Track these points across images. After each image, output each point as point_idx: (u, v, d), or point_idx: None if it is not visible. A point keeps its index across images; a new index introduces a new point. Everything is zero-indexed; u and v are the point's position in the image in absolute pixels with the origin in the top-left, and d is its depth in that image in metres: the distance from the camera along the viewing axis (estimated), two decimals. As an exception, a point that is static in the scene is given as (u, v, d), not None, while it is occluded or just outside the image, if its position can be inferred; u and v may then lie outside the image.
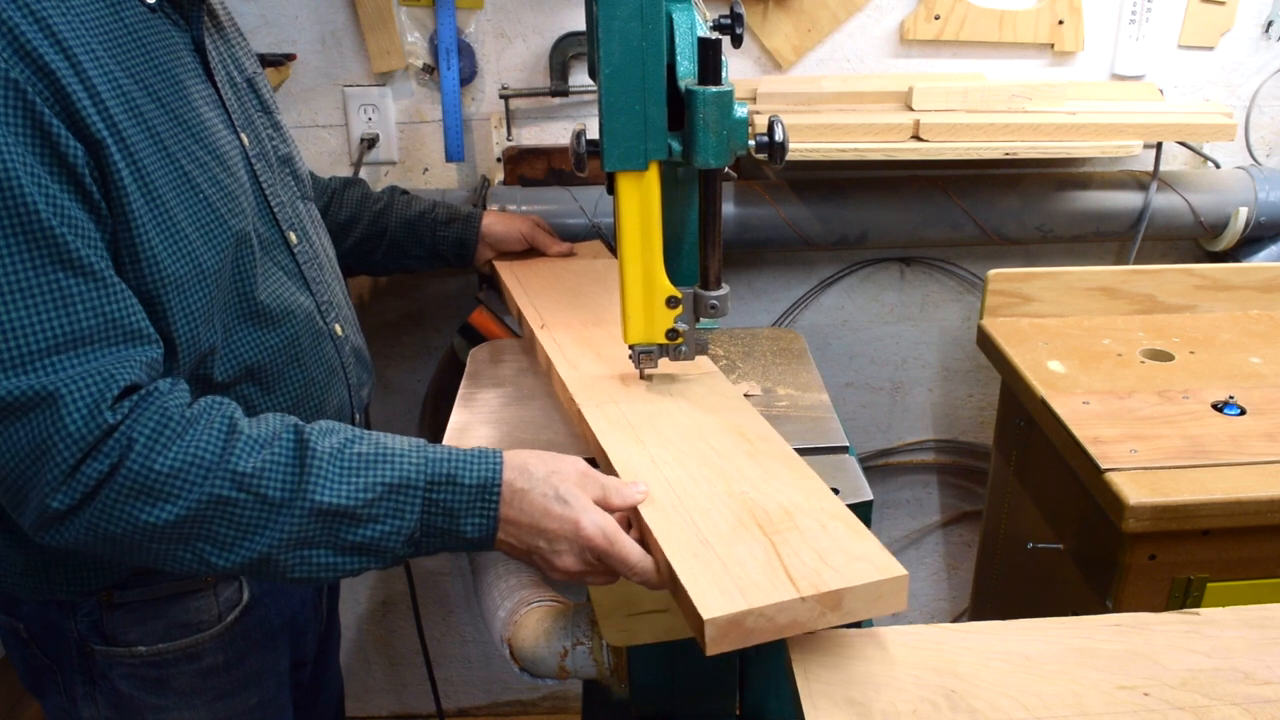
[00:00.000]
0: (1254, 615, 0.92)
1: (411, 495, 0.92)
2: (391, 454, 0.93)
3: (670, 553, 0.89)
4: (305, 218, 1.18)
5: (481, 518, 0.93)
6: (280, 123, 1.20)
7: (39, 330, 0.83)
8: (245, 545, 0.89)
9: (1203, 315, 1.65)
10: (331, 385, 1.16)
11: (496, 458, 0.94)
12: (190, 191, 0.94)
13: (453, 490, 0.92)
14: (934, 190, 1.77)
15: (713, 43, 0.99)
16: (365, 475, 0.91)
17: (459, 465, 0.93)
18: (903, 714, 0.82)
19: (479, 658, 2.25)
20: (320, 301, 1.15)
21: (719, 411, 1.14)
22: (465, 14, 1.70)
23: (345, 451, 0.92)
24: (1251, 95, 1.85)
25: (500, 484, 0.93)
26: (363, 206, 1.48)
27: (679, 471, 1.02)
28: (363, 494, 0.90)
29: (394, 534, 0.91)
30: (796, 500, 0.97)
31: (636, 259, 1.09)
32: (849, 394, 2.05)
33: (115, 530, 0.86)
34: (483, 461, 0.94)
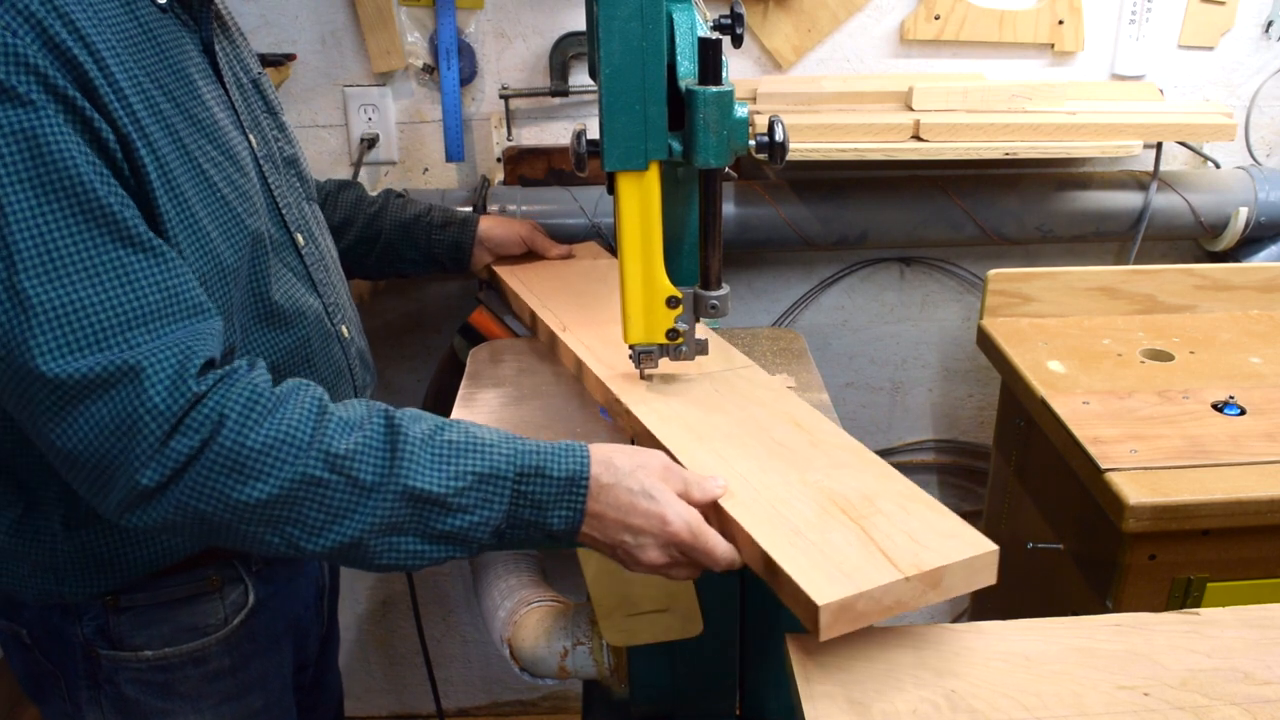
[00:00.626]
0: (1254, 615, 0.92)
1: (501, 486, 0.91)
2: (481, 443, 0.93)
3: (766, 544, 0.90)
4: (311, 219, 1.18)
5: (568, 510, 0.93)
6: (285, 124, 1.20)
7: (109, 308, 0.82)
8: (334, 529, 0.88)
9: (1203, 315, 1.65)
10: (340, 387, 1.15)
11: (583, 451, 0.95)
12: (209, 190, 0.95)
13: (541, 483, 0.92)
14: (934, 190, 1.77)
15: (713, 43, 0.99)
16: (456, 463, 0.91)
17: (547, 458, 0.93)
18: (903, 714, 0.82)
19: (479, 658, 2.25)
20: (327, 303, 1.15)
21: (768, 404, 1.15)
22: (465, 14, 1.70)
23: (436, 438, 0.92)
24: (1251, 95, 1.85)
25: (588, 477, 0.93)
26: (357, 209, 1.47)
27: (749, 464, 1.02)
28: (453, 482, 0.90)
29: (482, 525, 0.91)
30: (871, 485, 0.98)
31: (637, 259, 1.09)
32: (849, 394, 2.05)
33: (205, 508, 0.85)
34: (570, 455, 0.94)
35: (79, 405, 0.82)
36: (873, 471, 1.01)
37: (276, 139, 1.14)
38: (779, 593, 0.89)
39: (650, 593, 1.17)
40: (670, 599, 1.18)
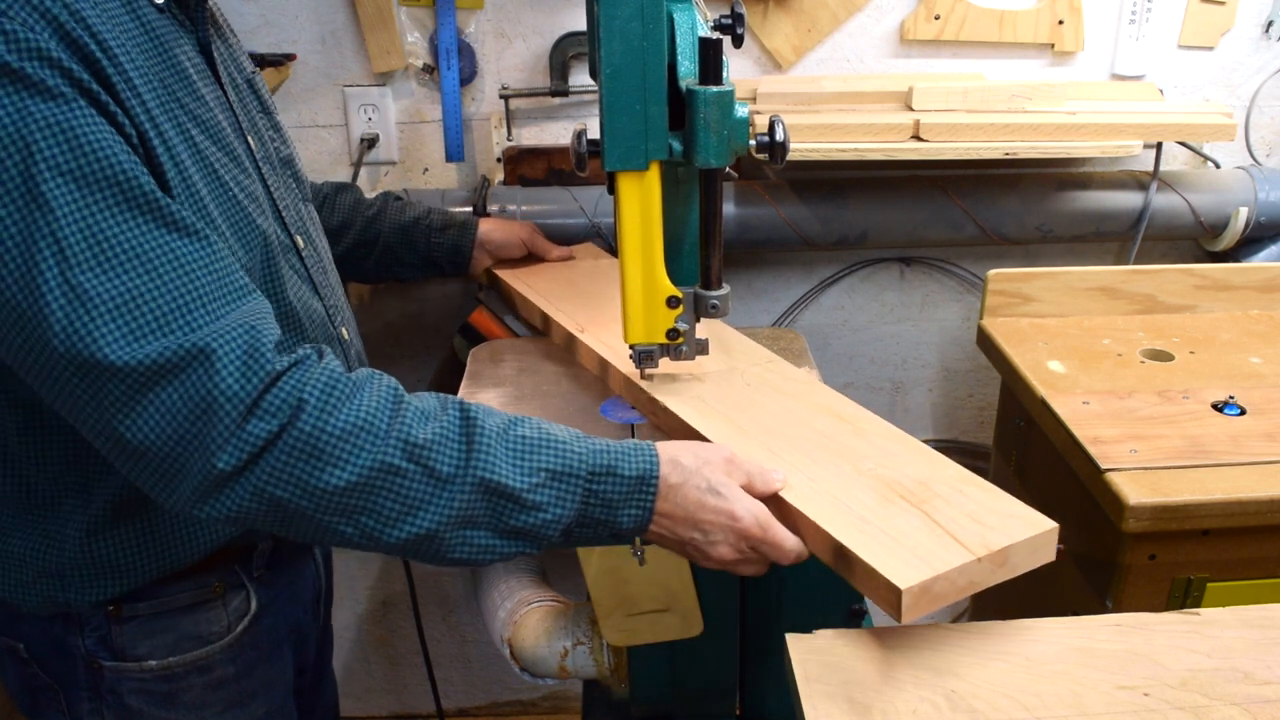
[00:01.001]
0: (1254, 615, 0.92)
1: (573, 484, 0.92)
2: (555, 440, 0.93)
3: (837, 533, 0.92)
4: (309, 221, 1.18)
5: (638, 510, 0.94)
6: (280, 123, 1.19)
7: (167, 293, 0.82)
8: (410, 521, 0.88)
9: (1203, 315, 1.65)
10: None
11: (651, 450, 0.95)
12: (222, 191, 0.94)
13: (613, 482, 0.93)
14: (934, 190, 1.77)
15: (713, 43, 0.99)
16: (531, 459, 0.91)
17: (618, 457, 0.93)
18: (903, 714, 0.82)
19: (479, 658, 2.25)
20: (329, 305, 1.14)
21: (802, 396, 1.16)
22: (465, 14, 1.70)
23: (510, 432, 0.92)
24: (1251, 95, 1.85)
25: (658, 477, 0.94)
26: (355, 212, 1.45)
27: (799, 456, 1.04)
28: (528, 477, 0.90)
29: (554, 522, 0.91)
30: (924, 471, 1.02)
31: (637, 259, 1.09)
32: (849, 394, 2.02)
33: (282, 494, 0.84)
34: (639, 454, 0.94)
35: (150, 393, 0.81)
36: (922, 457, 1.05)
37: (272, 139, 1.13)
38: (851, 580, 0.91)
39: (650, 592, 1.17)
40: (670, 599, 1.18)
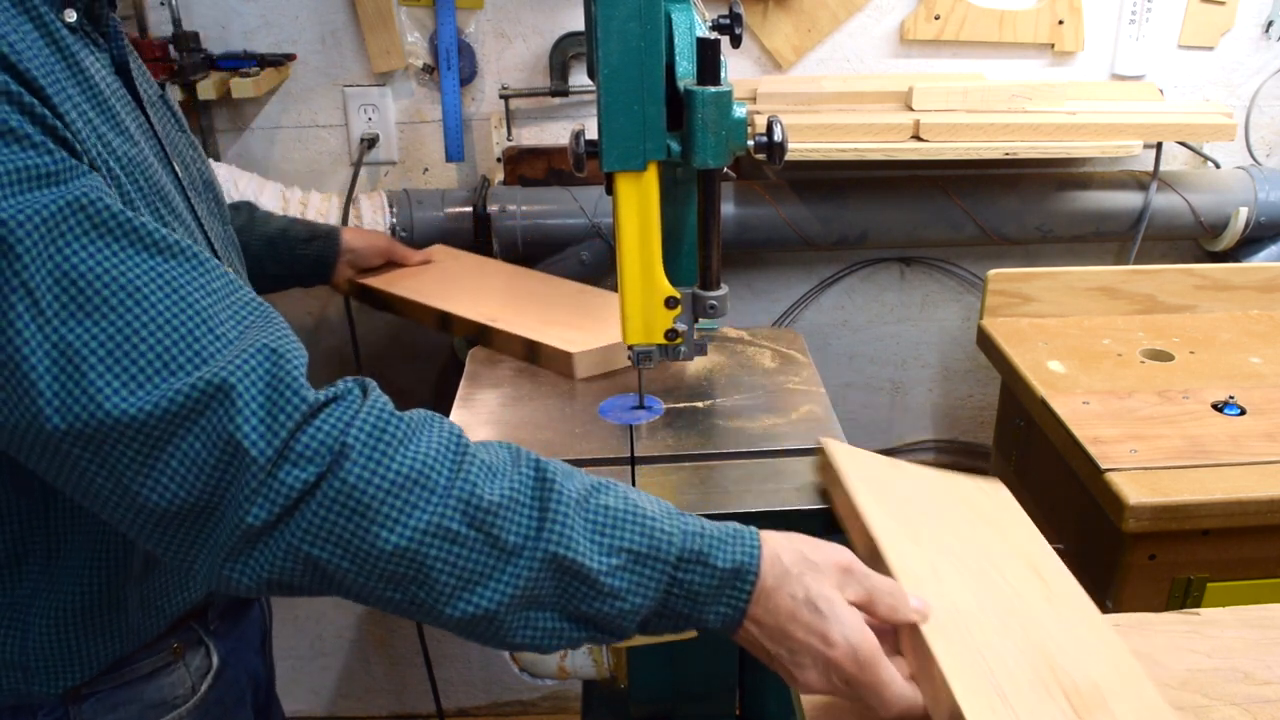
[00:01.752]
0: (1254, 615, 0.92)
1: (658, 570, 0.78)
2: (642, 515, 0.80)
3: (962, 699, 0.73)
4: (231, 247, 1.10)
5: (728, 608, 0.79)
6: (195, 141, 1.08)
7: (165, 326, 0.71)
8: (467, 597, 0.75)
9: (1203, 315, 1.65)
10: None
11: (753, 539, 0.81)
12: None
13: (703, 572, 0.79)
14: (934, 190, 1.77)
15: (711, 43, 0.99)
16: (613, 535, 0.78)
17: (713, 542, 0.80)
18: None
19: (479, 658, 2.25)
20: None
21: (1006, 532, 0.94)
22: (465, 14, 1.70)
23: (591, 501, 0.79)
24: (1251, 95, 1.84)
25: (757, 573, 0.79)
26: None
27: (965, 594, 0.83)
28: (607, 558, 0.77)
29: (632, 612, 0.78)
30: (1106, 675, 0.79)
31: (635, 259, 1.09)
32: (849, 394, 2.05)
33: (321, 555, 0.73)
34: (737, 542, 0.80)
35: (168, 444, 0.70)
36: (1110, 657, 0.81)
37: (194, 160, 1.04)
38: None
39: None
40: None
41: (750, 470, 1.11)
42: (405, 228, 1.71)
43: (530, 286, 1.55)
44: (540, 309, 1.45)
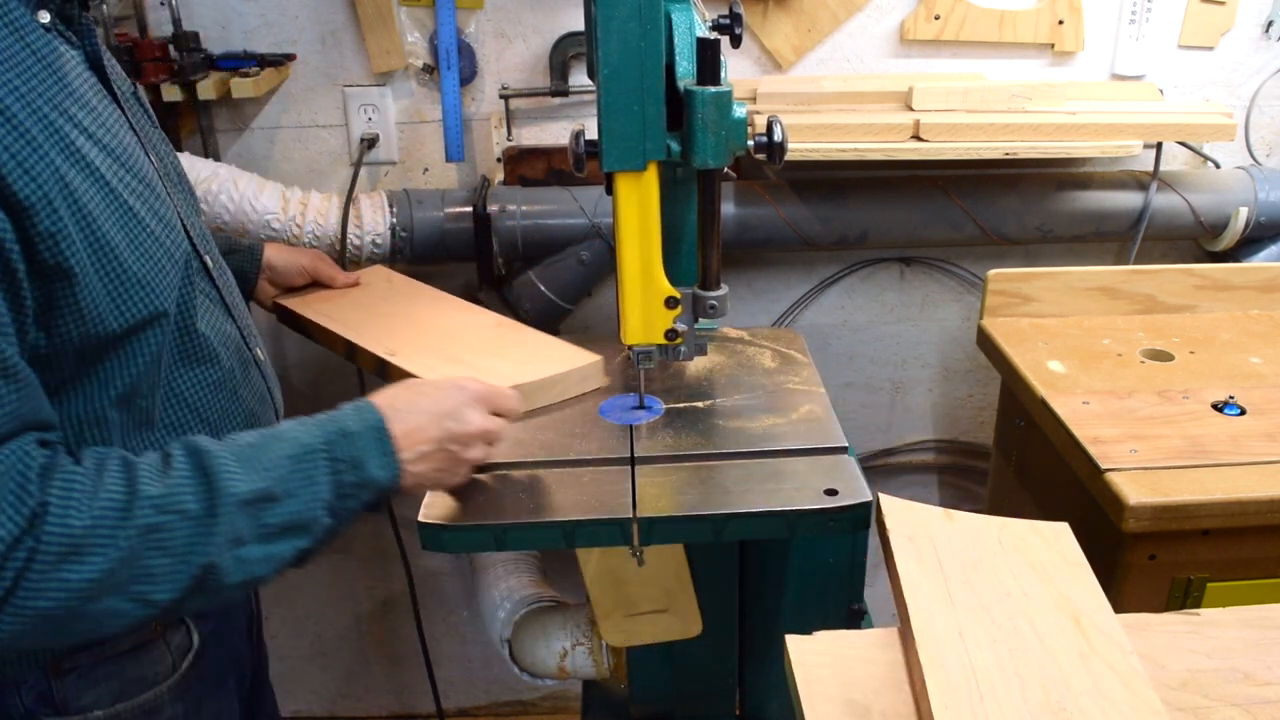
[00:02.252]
0: (1254, 615, 0.92)
1: (315, 458, 0.92)
2: (280, 433, 0.93)
3: (936, 707, 0.75)
4: (209, 237, 1.13)
5: (382, 454, 0.95)
6: (164, 135, 1.12)
7: None
8: (183, 568, 0.85)
9: (1203, 315, 1.65)
10: (263, 414, 1.13)
11: (366, 400, 0.98)
12: (136, 226, 0.90)
13: (348, 441, 0.93)
14: (934, 190, 1.77)
15: (711, 43, 0.99)
16: (266, 456, 0.90)
17: (342, 418, 0.95)
18: (903, 715, 0.82)
19: (479, 658, 2.25)
20: (242, 328, 1.11)
21: (1055, 582, 0.91)
22: (465, 14, 1.70)
23: (235, 443, 0.91)
24: (1251, 95, 1.84)
25: (381, 415, 0.96)
26: None
27: (987, 656, 0.81)
28: (270, 472, 0.89)
29: (313, 502, 0.91)
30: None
31: (635, 259, 1.09)
32: (849, 394, 2.05)
33: (47, 605, 0.80)
34: (357, 409, 0.96)
35: None
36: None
37: (166, 154, 1.08)
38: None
39: (649, 593, 1.17)
40: (669, 599, 1.18)
41: (750, 470, 1.11)
42: (405, 228, 1.71)
43: (454, 320, 1.44)
44: (452, 345, 1.35)
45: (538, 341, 1.35)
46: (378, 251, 1.71)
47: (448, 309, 1.48)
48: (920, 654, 0.82)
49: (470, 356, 1.31)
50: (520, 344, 1.35)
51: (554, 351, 1.31)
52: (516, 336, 1.38)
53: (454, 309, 1.48)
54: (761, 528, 1.04)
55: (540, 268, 1.75)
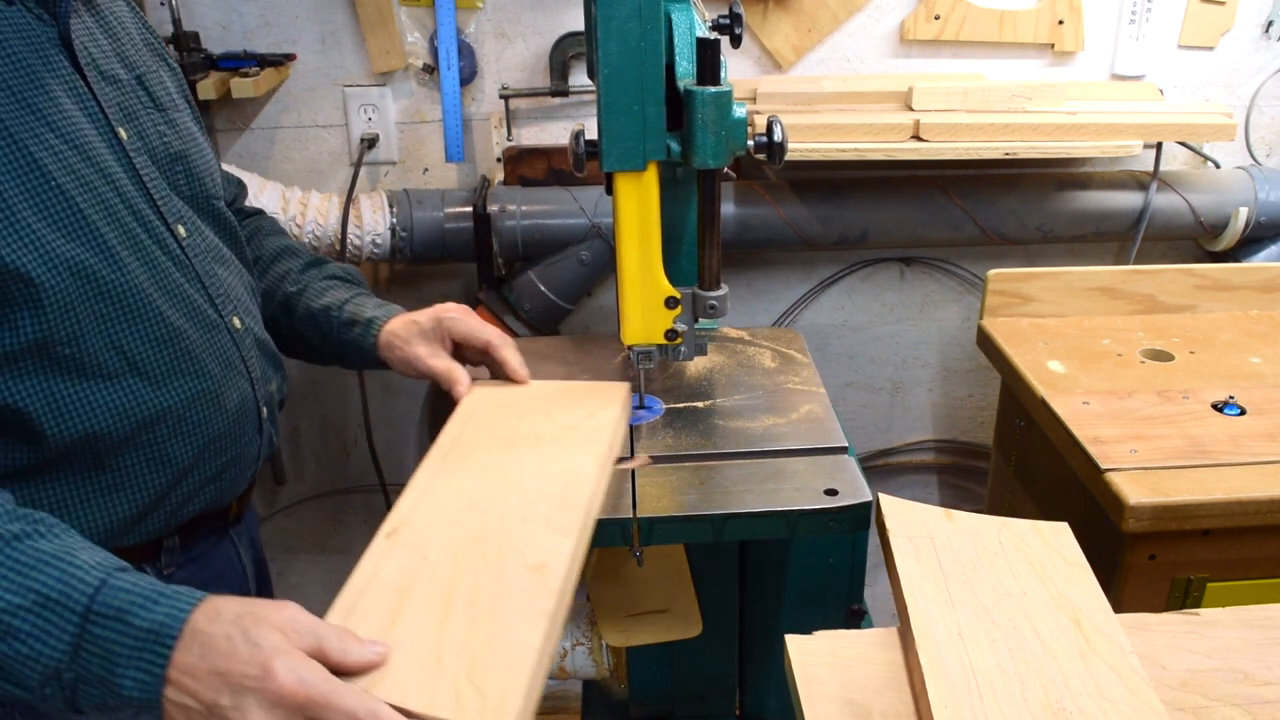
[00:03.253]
0: (1254, 615, 0.92)
1: (65, 617, 0.76)
2: (70, 562, 0.78)
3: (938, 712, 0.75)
4: (196, 215, 1.13)
5: (142, 672, 0.75)
6: (178, 120, 1.14)
7: None
8: None
9: (1203, 315, 1.65)
10: (229, 378, 1.10)
11: (189, 600, 0.78)
12: (41, 182, 0.92)
13: (118, 629, 0.76)
14: (934, 190, 1.77)
15: (711, 43, 0.99)
16: (29, 576, 0.77)
17: (140, 600, 0.77)
18: (903, 717, 0.82)
19: (479, 658, 2.25)
20: (214, 294, 1.10)
21: (1055, 582, 0.92)
22: (465, 14, 1.70)
23: (25, 542, 0.79)
24: (1251, 95, 1.84)
25: (179, 629, 0.76)
26: (279, 285, 1.32)
27: (988, 657, 0.81)
28: (14, 596, 0.76)
29: (33, 659, 0.75)
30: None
31: (635, 259, 1.09)
32: (849, 394, 2.05)
33: None
34: (172, 601, 0.77)
35: None
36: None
37: (162, 134, 1.10)
38: None
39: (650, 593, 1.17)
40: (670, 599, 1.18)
41: (750, 470, 1.11)
42: (405, 228, 1.71)
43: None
44: None
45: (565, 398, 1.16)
46: (378, 251, 1.71)
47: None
48: (920, 654, 0.82)
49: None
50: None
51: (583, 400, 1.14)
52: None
53: None
54: (761, 528, 1.04)
55: (540, 268, 1.75)
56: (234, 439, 1.11)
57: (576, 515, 0.93)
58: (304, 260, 1.35)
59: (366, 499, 2.05)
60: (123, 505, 1.02)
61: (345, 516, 2.10)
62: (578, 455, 1.03)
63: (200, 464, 1.08)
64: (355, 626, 0.80)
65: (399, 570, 0.88)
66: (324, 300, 1.29)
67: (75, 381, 0.96)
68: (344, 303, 1.29)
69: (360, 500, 2.06)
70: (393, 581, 0.87)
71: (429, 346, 1.22)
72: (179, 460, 1.05)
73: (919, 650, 0.82)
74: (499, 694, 0.74)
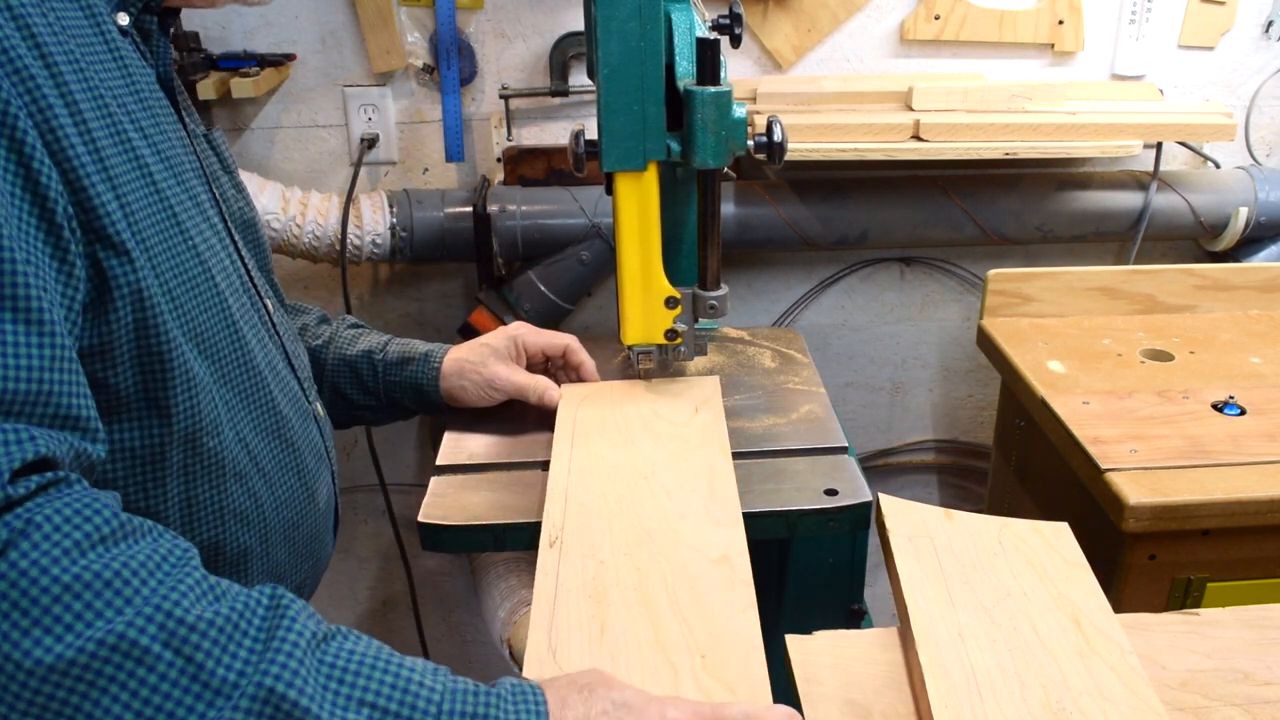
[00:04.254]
0: (1254, 615, 0.92)
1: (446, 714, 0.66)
2: (396, 666, 0.68)
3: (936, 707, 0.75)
4: (273, 288, 1.08)
5: None
6: (241, 184, 1.06)
7: None
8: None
9: (1203, 315, 1.65)
10: (319, 472, 1.02)
11: (537, 695, 0.70)
12: (179, 237, 0.81)
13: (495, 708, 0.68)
14: (934, 190, 1.77)
15: (711, 43, 0.99)
16: (354, 685, 0.65)
17: (489, 702, 0.68)
18: (903, 716, 0.82)
19: (479, 658, 2.25)
20: (301, 378, 1.03)
21: (1054, 581, 0.91)
22: (465, 14, 1.70)
23: (333, 644, 0.67)
24: (1251, 95, 1.84)
25: (547, 709, 0.69)
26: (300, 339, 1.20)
27: (988, 657, 0.82)
28: (343, 711, 0.63)
29: None
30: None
31: (635, 259, 1.09)
32: (849, 394, 2.05)
33: None
34: (518, 698, 0.69)
35: None
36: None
37: (235, 199, 1.03)
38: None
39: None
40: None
41: (750, 470, 1.11)
42: (405, 228, 1.71)
43: None
44: None
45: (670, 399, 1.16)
46: (377, 252, 1.71)
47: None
48: (920, 654, 0.82)
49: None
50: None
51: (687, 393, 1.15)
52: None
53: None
54: (761, 528, 1.04)
55: (540, 268, 1.75)
56: (321, 542, 1.02)
57: (733, 507, 0.96)
58: (315, 315, 1.27)
59: (367, 499, 2.05)
60: None
61: (346, 516, 2.10)
62: (704, 450, 1.05)
63: (292, 571, 0.97)
64: (564, 637, 0.80)
65: (581, 578, 0.88)
66: (359, 346, 1.22)
67: (219, 481, 0.84)
68: (385, 344, 1.22)
69: (360, 500, 2.06)
70: (580, 589, 0.86)
71: (506, 365, 1.20)
72: (278, 568, 0.94)
73: (919, 650, 0.82)
74: (748, 690, 0.76)
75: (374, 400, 1.21)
